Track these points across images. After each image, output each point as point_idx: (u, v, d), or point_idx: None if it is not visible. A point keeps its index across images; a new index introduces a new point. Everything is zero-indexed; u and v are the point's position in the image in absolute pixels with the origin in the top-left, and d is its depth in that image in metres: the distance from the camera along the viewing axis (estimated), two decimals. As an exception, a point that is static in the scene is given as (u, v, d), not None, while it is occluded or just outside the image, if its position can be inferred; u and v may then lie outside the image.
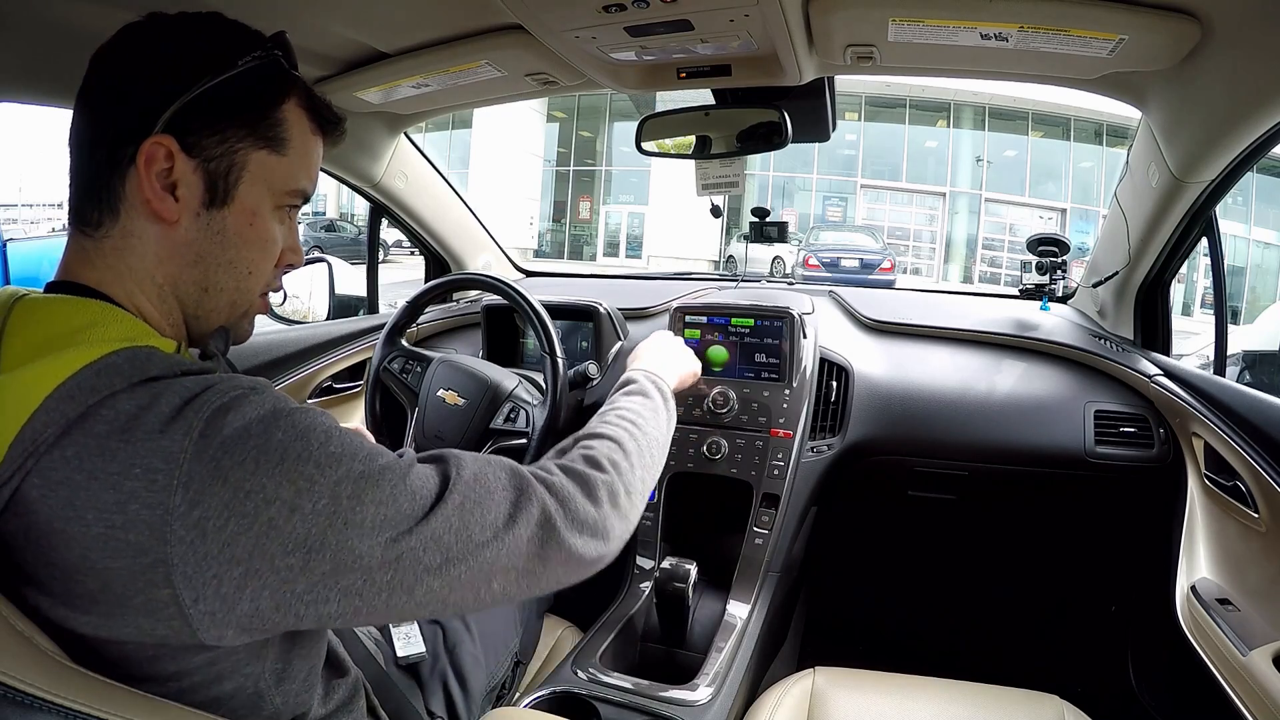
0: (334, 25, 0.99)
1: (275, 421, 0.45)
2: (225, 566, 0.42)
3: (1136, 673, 1.36)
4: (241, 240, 0.54)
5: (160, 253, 0.52)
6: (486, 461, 0.56)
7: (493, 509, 0.52)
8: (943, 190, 16.68)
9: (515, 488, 0.55)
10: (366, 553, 0.45)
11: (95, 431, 0.42)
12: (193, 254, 0.53)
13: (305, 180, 0.58)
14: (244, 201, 0.54)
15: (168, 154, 0.50)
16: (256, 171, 0.54)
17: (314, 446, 0.46)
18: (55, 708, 0.38)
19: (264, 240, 0.56)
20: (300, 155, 0.56)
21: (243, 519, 0.42)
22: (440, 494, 0.50)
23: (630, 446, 0.69)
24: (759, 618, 1.10)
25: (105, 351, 0.45)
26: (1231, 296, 13.44)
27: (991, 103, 15.79)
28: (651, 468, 0.73)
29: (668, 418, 0.83)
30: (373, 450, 0.49)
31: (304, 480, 0.44)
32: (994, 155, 16.41)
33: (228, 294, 0.56)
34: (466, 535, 0.50)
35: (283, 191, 0.56)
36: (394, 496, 0.48)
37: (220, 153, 0.52)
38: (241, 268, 0.55)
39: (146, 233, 0.52)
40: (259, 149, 0.53)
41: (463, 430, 1.17)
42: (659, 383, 0.86)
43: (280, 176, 0.55)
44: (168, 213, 0.51)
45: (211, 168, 0.52)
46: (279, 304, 1.47)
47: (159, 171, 0.50)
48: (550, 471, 0.60)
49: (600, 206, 18.41)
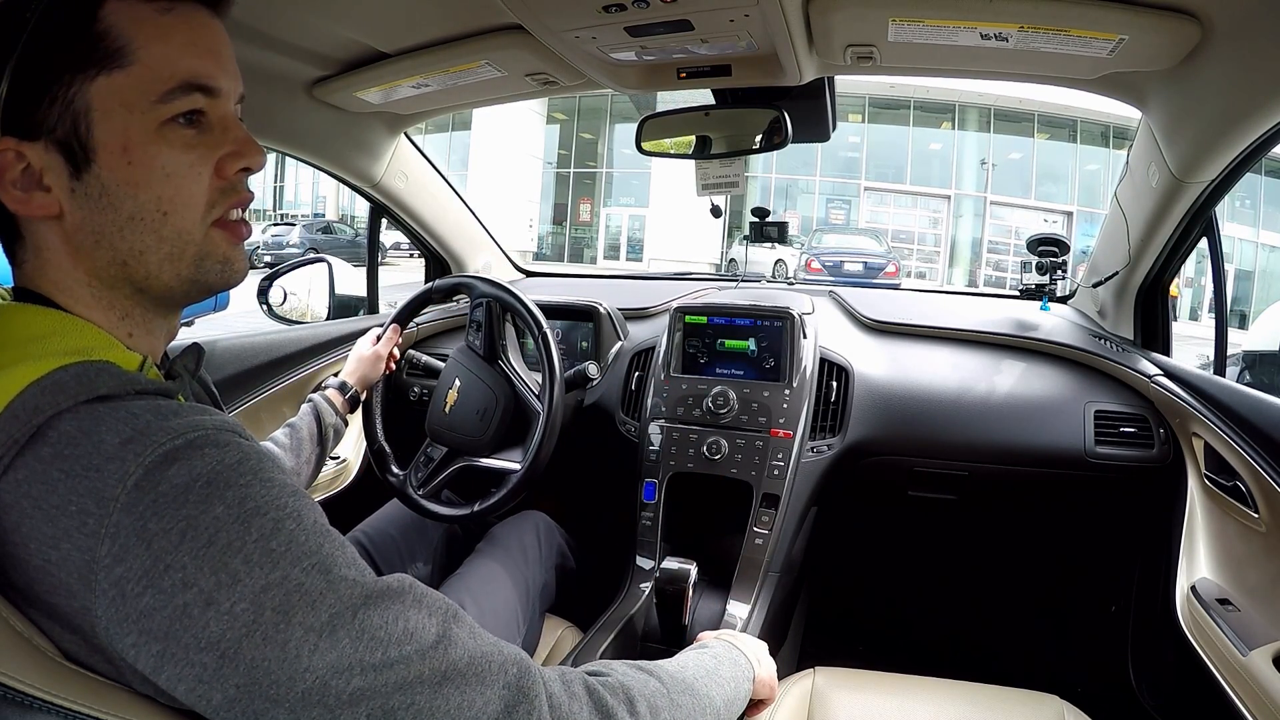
0: (334, 25, 0.99)
1: (221, 490, 0.39)
2: (144, 638, 0.37)
3: (1136, 673, 1.36)
4: (131, 185, 0.45)
5: (68, 251, 0.46)
6: (496, 646, 0.46)
7: (477, 704, 0.43)
8: (947, 193, 16.60)
9: (518, 689, 0.45)
10: (286, 682, 0.38)
11: (41, 455, 0.39)
12: (90, 236, 0.46)
13: (179, 71, 0.45)
14: (107, 144, 0.44)
15: (16, 155, 0.44)
16: (104, 104, 0.44)
17: (251, 537, 0.38)
18: (54, 708, 0.38)
19: (159, 170, 0.46)
20: (155, 51, 0.45)
21: (159, 594, 0.37)
22: (415, 652, 0.41)
23: (684, 702, 0.57)
24: (759, 618, 1.09)
25: (53, 366, 0.41)
26: (1240, 301, 13.39)
27: (997, 104, 15.71)
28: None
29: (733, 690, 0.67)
30: (333, 561, 0.41)
31: (226, 574, 0.38)
32: (999, 157, 16.33)
33: (153, 251, 0.47)
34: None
35: (151, 102, 0.45)
36: (333, 628, 0.39)
37: (59, 114, 0.44)
38: (148, 215, 0.46)
39: (49, 240, 0.46)
40: (93, 79, 0.44)
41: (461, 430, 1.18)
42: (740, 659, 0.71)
43: (137, 90, 0.44)
44: (45, 209, 0.45)
45: (59, 135, 0.44)
46: (279, 303, 1.47)
47: (15, 178, 0.44)
48: (570, 686, 0.49)
49: (601, 209, 18.36)
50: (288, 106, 1.20)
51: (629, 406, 1.37)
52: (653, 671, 0.57)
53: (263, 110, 1.17)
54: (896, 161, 16.74)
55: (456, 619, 0.46)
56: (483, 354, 1.20)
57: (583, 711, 0.48)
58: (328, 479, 1.46)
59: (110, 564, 0.37)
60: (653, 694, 0.54)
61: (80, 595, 0.38)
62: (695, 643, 0.75)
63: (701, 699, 0.59)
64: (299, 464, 1.02)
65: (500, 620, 0.99)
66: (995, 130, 16.26)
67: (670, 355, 1.30)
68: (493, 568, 1.06)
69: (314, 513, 0.43)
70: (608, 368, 1.43)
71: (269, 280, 1.46)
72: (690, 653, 0.68)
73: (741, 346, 1.26)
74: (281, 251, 12.93)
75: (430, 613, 0.44)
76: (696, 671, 0.62)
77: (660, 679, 0.57)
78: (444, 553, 1.21)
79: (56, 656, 0.40)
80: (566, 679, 0.50)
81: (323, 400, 1.09)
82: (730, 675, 0.67)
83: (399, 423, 1.27)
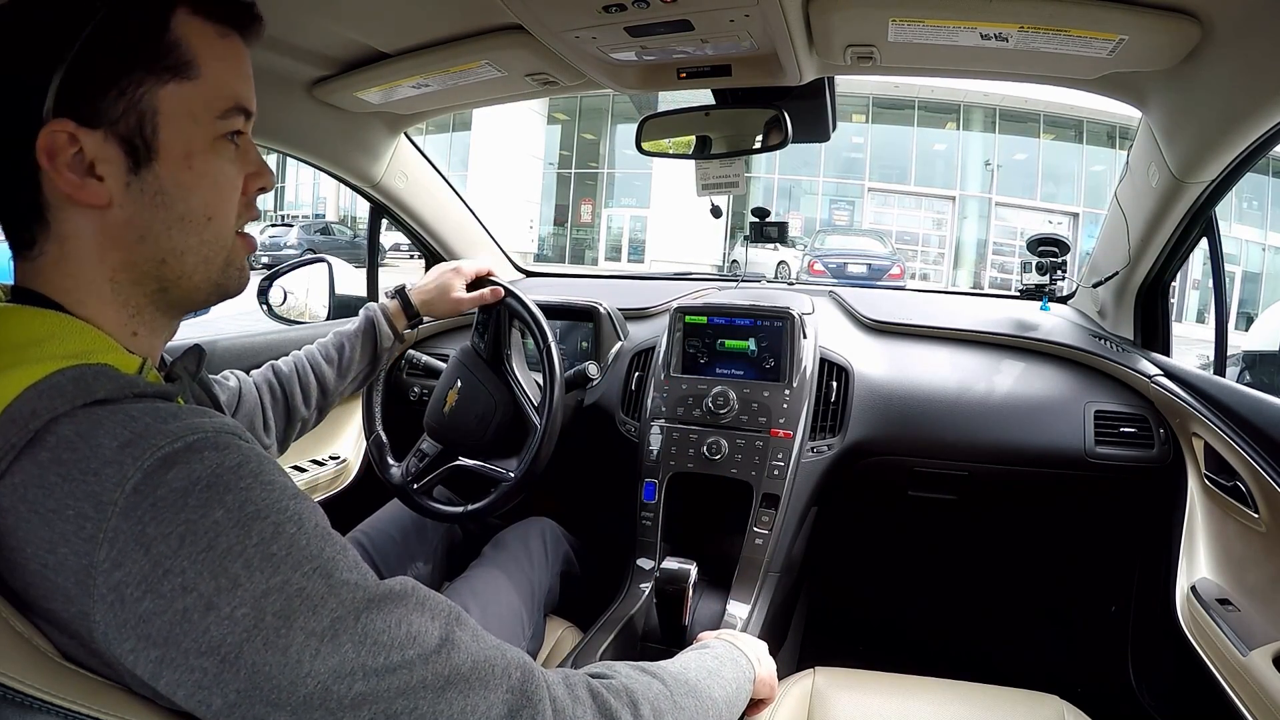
0: (334, 25, 0.99)
1: (221, 494, 0.39)
2: (142, 643, 0.37)
3: (1136, 673, 1.36)
4: (185, 189, 0.48)
5: (103, 243, 0.47)
6: (499, 649, 0.47)
7: (480, 708, 0.43)
8: (952, 194, 16.47)
9: (522, 692, 0.45)
10: (288, 687, 0.38)
11: (39, 459, 0.39)
12: (136, 231, 0.47)
13: (234, 94, 0.49)
14: (171, 148, 0.47)
15: (70, 138, 0.44)
16: (172, 109, 0.46)
17: (251, 541, 0.38)
18: (53, 708, 0.38)
19: (211, 179, 0.49)
20: (216, 69, 0.48)
21: (158, 599, 0.37)
22: (418, 656, 0.42)
23: (687, 704, 0.57)
24: (759, 618, 1.09)
25: (50, 370, 0.40)
26: (1247, 303, 13.28)
27: (1002, 104, 15.59)
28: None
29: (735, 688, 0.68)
30: (335, 565, 0.41)
31: (226, 578, 0.38)
32: (1004, 158, 16.18)
33: (193, 253, 0.49)
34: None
35: (213, 117, 0.48)
36: (335, 632, 0.39)
37: (124, 108, 0.45)
38: (197, 218, 0.49)
39: (83, 228, 0.46)
40: (164, 84, 0.46)
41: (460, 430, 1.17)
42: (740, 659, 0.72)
43: (202, 103, 0.48)
44: (96, 197, 0.45)
45: (122, 129, 0.45)
46: (279, 303, 1.47)
47: (68, 160, 0.44)
48: (574, 690, 0.49)
49: (602, 210, 18.28)
50: (288, 106, 1.20)
51: (629, 407, 1.37)
52: (656, 673, 0.57)
53: (263, 110, 1.14)
54: (900, 162, 16.64)
55: (459, 622, 0.46)
56: (487, 358, 1.19)
57: (586, 715, 0.48)
58: (328, 479, 1.46)
59: (108, 569, 0.37)
60: (656, 696, 0.54)
61: (78, 600, 0.37)
62: (695, 643, 0.75)
63: (704, 700, 0.59)
64: (343, 384, 0.98)
65: (505, 625, 0.99)
66: (1000, 130, 16.15)
67: (670, 355, 1.30)
68: (498, 573, 1.06)
69: (315, 516, 0.43)
70: (608, 368, 1.43)
71: (269, 280, 1.46)
72: (691, 653, 0.68)
73: (741, 346, 1.26)
74: (279, 253, 12.92)
75: (433, 616, 0.44)
76: (699, 673, 0.62)
77: (663, 681, 0.57)
78: (444, 554, 1.21)
79: (56, 657, 0.40)
80: (570, 682, 0.50)
81: (381, 317, 1.02)
82: (731, 676, 0.67)
83: (398, 422, 1.27)
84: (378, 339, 1.01)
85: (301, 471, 1.41)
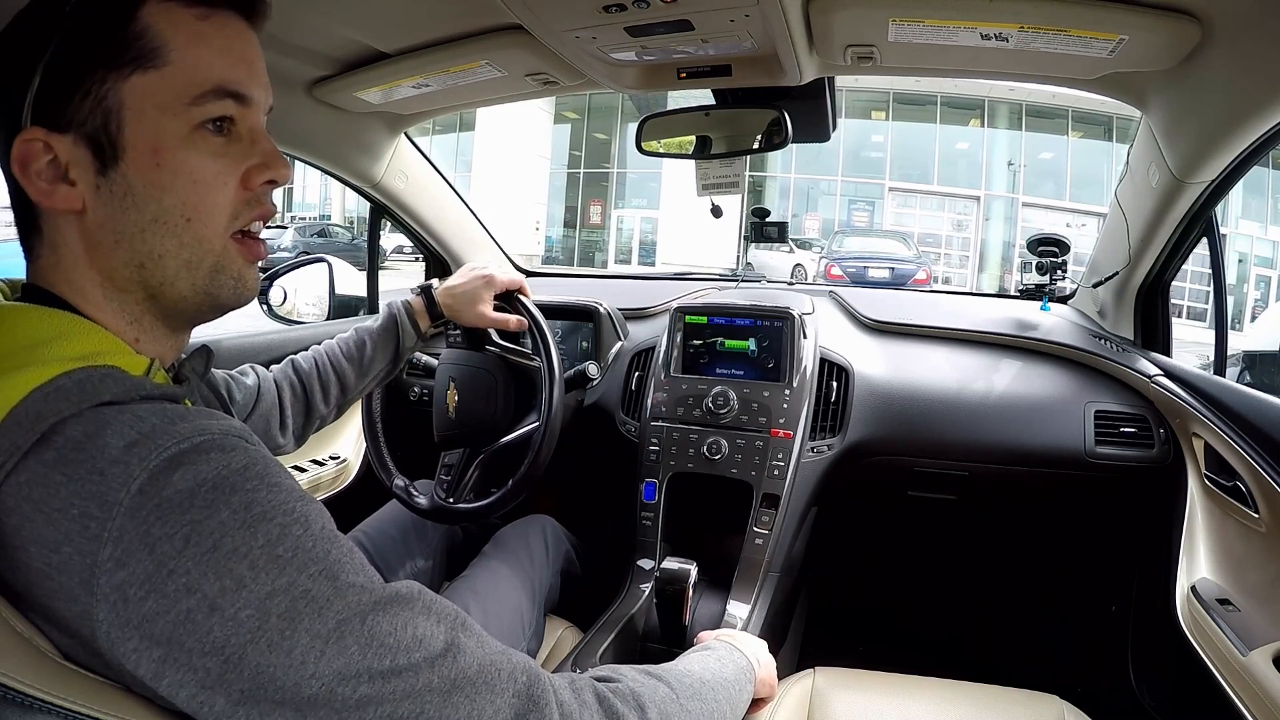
0: (334, 25, 0.99)
1: (227, 495, 0.38)
2: (145, 643, 0.37)
3: (1136, 673, 1.36)
4: (157, 189, 0.45)
5: (87, 248, 0.46)
6: (505, 654, 0.46)
7: (487, 713, 0.43)
8: (976, 194, 15.67)
9: (528, 697, 0.45)
10: (292, 688, 0.38)
11: (44, 459, 0.38)
12: (110, 235, 0.45)
13: (212, 76, 0.46)
14: (137, 144, 0.44)
15: (44, 146, 0.43)
16: (137, 103, 0.44)
17: (257, 542, 0.38)
18: (54, 708, 0.38)
19: (187, 176, 0.46)
20: (189, 54, 0.45)
21: (162, 599, 0.37)
22: (424, 660, 0.42)
23: (692, 707, 0.58)
24: (759, 618, 1.09)
25: (56, 372, 0.40)
26: (1259, 303, 13.10)
27: (1028, 100, 14.76)
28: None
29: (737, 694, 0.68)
30: (341, 567, 0.41)
31: (231, 579, 0.37)
32: (1030, 157, 15.36)
33: (172, 257, 0.47)
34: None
35: (184, 105, 0.45)
36: (341, 634, 0.39)
37: (90, 108, 0.43)
38: (173, 219, 0.46)
39: (67, 236, 0.46)
40: (127, 77, 0.44)
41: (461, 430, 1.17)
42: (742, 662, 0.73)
43: (170, 91, 0.44)
44: (67, 202, 0.44)
45: (89, 129, 0.44)
46: (279, 303, 1.47)
47: (40, 169, 0.44)
48: (580, 694, 0.49)
49: (612, 211, 17.83)
50: (288, 106, 1.20)
51: (629, 407, 1.37)
52: (661, 676, 0.58)
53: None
54: (923, 161, 15.81)
55: (465, 627, 0.45)
56: (467, 345, 1.19)
57: (593, 719, 0.48)
58: (329, 478, 1.46)
59: (112, 568, 0.37)
60: (663, 700, 0.54)
61: (81, 599, 0.37)
62: (696, 643, 0.76)
63: (708, 702, 0.60)
64: (363, 383, 0.97)
65: (506, 625, 0.99)
66: (1027, 128, 15.30)
67: (670, 355, 1.30)
68: (500, 571, 1.06)
69: (322, 518, 0.42)
70: (608, 368, 1.43)
71: (269, 280, 1.46)
72: (694, 655, 0.68)
73: (742, 346, 1.26)
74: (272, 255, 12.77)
75: (439, 620, 0.44)
76: (702, 674, 0.63)
77: (669, 684, 0.57)
78: (444, 552, 1.21)
79: (57, 657, 0.40)
80: (576, 686, 0.50)
81: (404, 315, 0.99)
82: (734, 677, 0.67)
83: (401, 424, 1.27)
84: (400, 338, 0.99)
85: (302, 471, 1.41)
